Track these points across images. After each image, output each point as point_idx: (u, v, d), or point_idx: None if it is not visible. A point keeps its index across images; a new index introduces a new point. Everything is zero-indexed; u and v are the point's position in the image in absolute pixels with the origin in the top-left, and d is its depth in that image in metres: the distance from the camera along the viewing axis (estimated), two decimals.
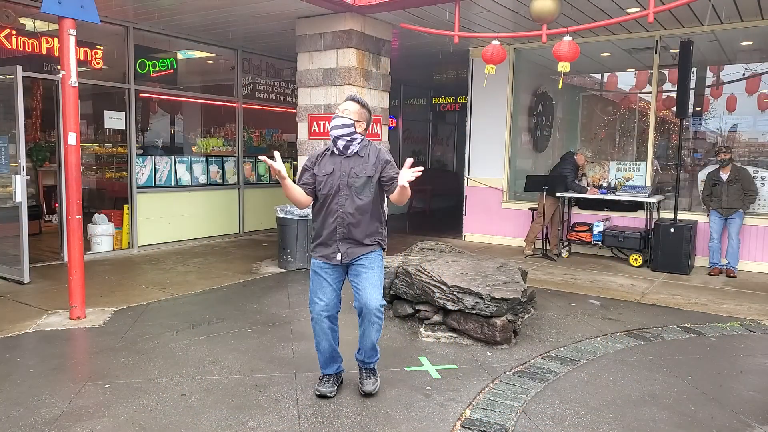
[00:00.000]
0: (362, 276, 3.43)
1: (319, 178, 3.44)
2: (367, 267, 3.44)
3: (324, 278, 3.48)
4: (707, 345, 4.63)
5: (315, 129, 7.64)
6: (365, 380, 3.58)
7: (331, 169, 3.42)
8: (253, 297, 5.88)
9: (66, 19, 4.83)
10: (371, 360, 3.59)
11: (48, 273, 6.74)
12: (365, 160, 3.43)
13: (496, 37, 6.64)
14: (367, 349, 3.54)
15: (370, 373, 3.62)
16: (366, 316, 3.42)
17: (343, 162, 3.42)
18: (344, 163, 3.42)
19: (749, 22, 7.44)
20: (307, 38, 7.62)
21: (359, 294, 3.44)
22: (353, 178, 3.38)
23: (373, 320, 3.43)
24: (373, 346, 3.53)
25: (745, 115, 8.72)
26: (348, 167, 3.41)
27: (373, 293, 3.42)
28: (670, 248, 7.29)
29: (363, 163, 3.42)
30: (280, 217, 7.22)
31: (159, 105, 9.35)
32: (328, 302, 3.48)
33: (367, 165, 3.42)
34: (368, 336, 3.47)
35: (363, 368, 3.62)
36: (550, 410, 3.42)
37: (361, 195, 3.39)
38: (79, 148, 5.10)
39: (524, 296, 4.59)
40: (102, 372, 3.87)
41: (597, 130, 11.09)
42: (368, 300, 3.40)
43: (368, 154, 3.45)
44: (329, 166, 3.44)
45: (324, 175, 3.43)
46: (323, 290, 3.48)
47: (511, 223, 9.35)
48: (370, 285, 3.42)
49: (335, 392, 3.57)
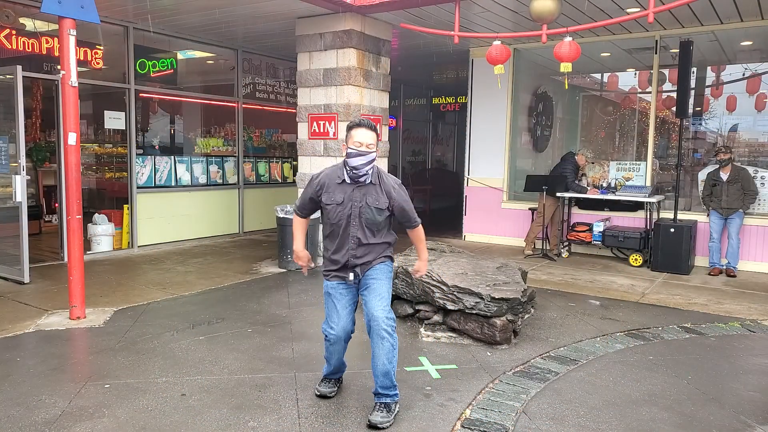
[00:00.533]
0: (370, 288, 3.30)
1: (328, 207, 3.29)
2: (375, 278, 3.31)
3: (339, 300, 3.35)
4: (707, 345, 4.63)
5: (315, 129, 7.64)
6: (375, 411, 3.21)
7: (342, 198, 3.25)
8: (253, 297, 5.88)
9: (66, 19, 4.83)
10: (385, 392, 3.24)
11: (48, 273, 6.74)
12: (377, 188, 3.27)
13: (496, 37, 6.64)
14: (380, 375, 3.22)
15: (383, 406, 3.23)
16: (374, 329, 3.22)
17: (355, 191, 3.25)
18: (356, 193, 3.25)
19: (749, 22, 7.44)
20: (307, 38, 7.62)
21: (366, 306, 3.30)
22: (365, 208, 3.23)
23: (382, 335, 3.18)
24: (386, 372, 3.20)
25: (745, 115, 8.72)
26: (360, 196, 3.25)
27: (379, 304, 3.24)
28: (670, 248, 7.28)
29: (375, 191, 3.26)
30: (280, 217, 7.22)
31: (159, 105, 9.35)
32: (344, 326, 3.36)
33: (380, 196, 3.26)
34: (379, 357, 3.20)
35: (376, 400, 3.29)
36: (550, 410, 3.42)
37: (373, 226, 3.27)
38: (79, 148, 5.10)
39: (524, 296, 4.59)
40: (102, 372, 3.87)
41: (597, 130, 11.09)
42: (374, 310, 3.23)
43: (380, 183, 3.29)
44: (339, 196, 3.26)
45: (333, 204, 3.27)
46: (338, 314, 3.35)
47: (511, 223, 9.35)
48: (376, 296, 3.26)
49: (335, 393, 3.59)
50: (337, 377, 3.64)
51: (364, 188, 3.25)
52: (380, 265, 3.35)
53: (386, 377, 3.21)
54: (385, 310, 3.23)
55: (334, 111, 7.44)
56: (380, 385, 3.24)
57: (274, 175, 10.53)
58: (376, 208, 3.23)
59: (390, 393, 3.25)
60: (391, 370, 3.21)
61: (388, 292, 3.34)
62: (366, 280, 3.33)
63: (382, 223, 3.28)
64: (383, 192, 3.26)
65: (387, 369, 3.20)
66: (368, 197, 3.24)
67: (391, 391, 3.25)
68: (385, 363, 3.19)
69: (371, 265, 3.33)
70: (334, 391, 3.57)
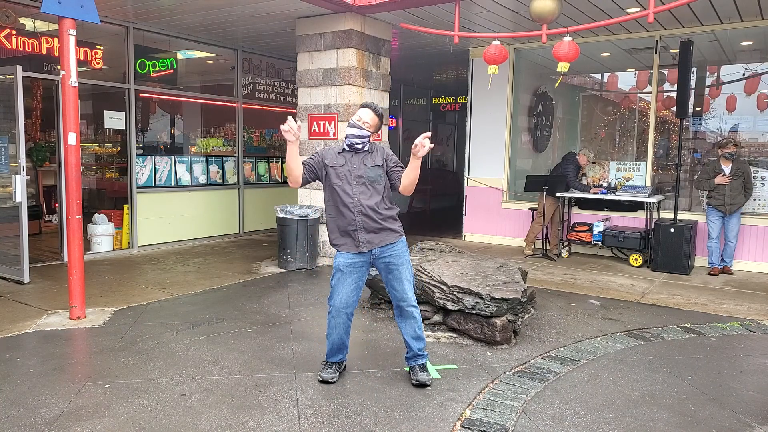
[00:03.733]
0: (394, 273, 3.66)
1: (330, 169, 3.66)
2: (397, 264, 3.65)
3: (348, 276, 3.65)
4: (707, 345, 4.63)
5: (315, 129, 7.64)
6: (418, 372, 3.71)
7: (343, 162, 3.67)
8: (253, 297, 5.88)
9: (66, 19, 4.83)
10: (422, 351, 3.75)
11: (48, 273, 6.74)
12: (374, 154, 3.71)
13: (496, 37, 6.64)
14: (414, 340, 3.72)
15: (422, 368, 3.75)
16: (404, 309, 3.69)
17: (354, 157, 3.68)
18: (354, 158, 3.68)
19: (749, 22, 7.44)
20: (307, 38, 7.62)
21: (396, 291, 3.69)
22: (363, 169, 3.64)
23: (413, 313, 3.70)
24: (418, 336, 3.73)
25: (745, 115, 8.72)
26: (358, 160, 3.67)
27: (410, 289, 3.69)
28: (670, 248, 7.28)
29: (372, 156, 3.70)
30: (280, 217, 7.22)
31: (159, 105, 9.35)
32: (349, 299, 3.66)
33: (376, 157, 3.70)
34: (411, 327, 3.72)
35: (413, 363, 3.76)
36: (550, 410, 3.42)
37: (373, 183, 3.63)
38: (79, 148, 5.10)
39: (524, 296, 4.59)
40: (102, 372, 3.87)
41: (597, 130, 11.09)
42: (403, 293, 3.66)
43: (375, 150, 3.75)
44: (340, 159, 3.69)
45: (335, 166, 3.66)
46: (346, 287, 3.66)
47: (511, 223, 9.35)
48: (405, 281, 3.67)
49: (337, 378, 3.73)
50: (338, 360, 3.80)
51: (361, 153, 3.69)
52: (398, 246, 3.68)
53: (420, 340, 3.75)
54: (411, 291, 3.71)
55: (334, 111, 7.45)
56: (417, 347, 3.73)
57: (274, 175, 10.53)
58: (374, 165, 3.66)
59: (425, 352, 3.79)
60: (421, 334, 3.77)
61: (411, 273, 3.75)
62: (389, 266, 3.66)
63: (379, 179, 3.65)
64: (378, 155, 3.72)
65: (419, 334, 3.75)
66: (365, 159, 3.68)
67: (425, 351, 3.80)
68: (416, 330, 3.74)
69: (383, 239, 3.63)
70: (336, 377, 3.73)
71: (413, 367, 3.76)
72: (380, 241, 3.63)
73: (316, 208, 7.30)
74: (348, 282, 3.65)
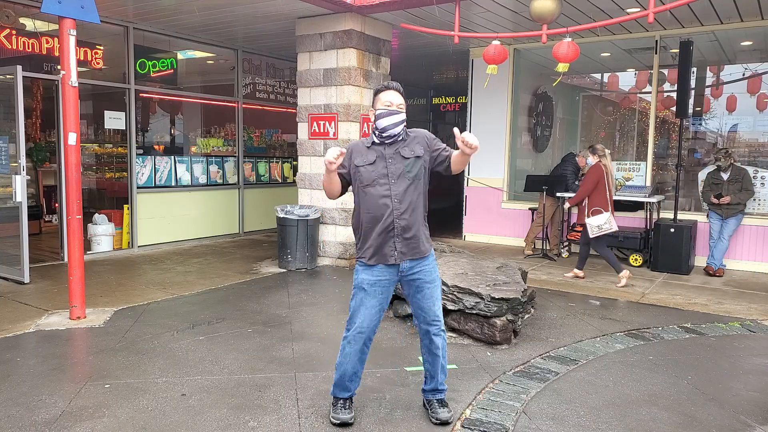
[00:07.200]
0: (425, 292, 3.16)
1: (360, 169, 3.10)
2: (428, 281, 3.16)
3: (372, 297, 3.11)
4: (707, 345, 4.63)
5: (315, 129, 7.65)
6: (438, 408, 3.25)
7: (374, 158, 3.10)
8: (253, 297, 5.88)
9: (66, 19, 4.83)
10: (444, 387, 3.32)
11: (48, 273, 6.74)
12: (410, 141, 3.13)
13: (496, 37, 6.64)
14: (440, 372, 3.28)
15: (443, 402, 3.31)
16: (434, 340, 3.22)
17: (387, 149, 3.11)
18: (388, 150, 3.11)
19: (749, 22, 7.44)
20: (307, 38, 7.62)
21: (423, 313, 3.19)
22: (401, 162, 3.07)
23: (442, 343, 3.25)
24: (443, 367, 3.30)
25: (745, 115, 8.72)
26: (393, 151, 3.10)
27: (440, 309, 3.23)
28: (670, 248, 7.28)
29: (408, 144, 3.12)
30: (280, 217, 7.22)
31: (159, 105, 9.35)
32: (371, 323, 3.13)
33: (414, 144, 3.11)
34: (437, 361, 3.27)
35: (434, 398, 3.30)
36: (550, 410, 3.42)
37: (412, 177, 3.07)
38: (79, 148, 5.10)
39: (524, 296, 4.59)
40: (102, 372, 3.87)
41: (597, 130, 11.09)
42: (438, 318, 3.21)
43: (411, 138, 3.15)
44: (371, 156, 3.11)
45: (365, 165, 3.10)
46: (369, 309, 3.12)
47: (511, 223, 9.35)
48: (436, 300, 3.20)
49: (354, 418, 3.22)
50: (349, 396, 3.27)
51: (395, 144, 3.12)
52: (428, 262, 3.18)
53: (444, 372, 3.33)
54: (441, 312, 3.26)
55: (334, 111, 7.45)
56: (440, 381, 3.31)
57: (274, 175, 10.54)
58: (413, 157, 3.08)
59: (446, 385, 3.38)
60: (446, 364, 3.34)
61: (440, 292, 3.31)
62: (420, 283, 3.15)
63: (418, 174, 3.09)
64: (417, 142, 3.13)
65: (444, 364, 3.31)
66: (402, 150, 3.10)
67: (444, 377, 3.35)
68: (443, 361, 3.30)
69: (416, 253, 3.10)
70: (353, 415, 3.21)
71: (431, 401, 3.30)
72: (414, 252, 3.10)
73: (316, 208, 7.31)
74: (372, 304, 3.10)
